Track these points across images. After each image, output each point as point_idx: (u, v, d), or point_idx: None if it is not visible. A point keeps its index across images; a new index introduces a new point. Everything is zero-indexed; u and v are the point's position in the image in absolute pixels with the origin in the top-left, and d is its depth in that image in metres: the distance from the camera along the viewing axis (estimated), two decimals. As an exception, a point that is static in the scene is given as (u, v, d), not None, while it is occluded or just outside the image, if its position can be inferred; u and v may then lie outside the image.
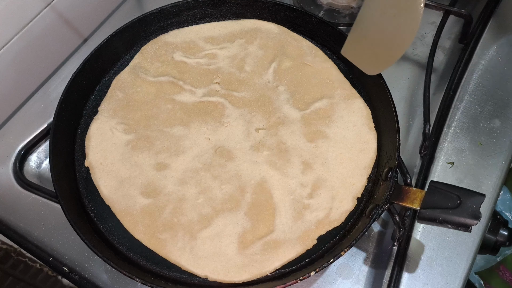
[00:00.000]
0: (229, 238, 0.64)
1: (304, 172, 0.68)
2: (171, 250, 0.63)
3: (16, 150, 0.80)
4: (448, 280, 0.67)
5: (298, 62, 0.77)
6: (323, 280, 0.69)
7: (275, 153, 0.69)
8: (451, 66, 0.85)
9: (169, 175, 0.68)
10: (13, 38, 0.80)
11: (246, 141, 0.71)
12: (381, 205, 0.61)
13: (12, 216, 0.74)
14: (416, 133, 0.79)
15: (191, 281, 0.63)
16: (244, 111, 0.73)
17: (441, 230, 0.70)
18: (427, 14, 0.92)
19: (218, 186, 0.67)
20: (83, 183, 0.69)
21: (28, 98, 0.87)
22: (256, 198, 0.66)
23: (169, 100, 0.74)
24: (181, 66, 0.77)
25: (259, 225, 0.64)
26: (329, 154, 0.69)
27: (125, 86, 0.75)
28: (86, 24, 0.94)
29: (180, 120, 0.72)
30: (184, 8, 0.81)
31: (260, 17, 0.82)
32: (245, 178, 0.67)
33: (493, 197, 0.72)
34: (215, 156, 0.69)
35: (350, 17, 0.89)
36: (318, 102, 0.73)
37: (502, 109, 0.79)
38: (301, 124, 0.71)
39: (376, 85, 0.72)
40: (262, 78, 0.76)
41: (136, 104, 0.74)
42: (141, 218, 0.65)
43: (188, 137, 0.71)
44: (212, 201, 0.66)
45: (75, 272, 0.70)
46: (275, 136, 0.71)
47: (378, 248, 0.71)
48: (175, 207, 0.66)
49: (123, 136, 0.71)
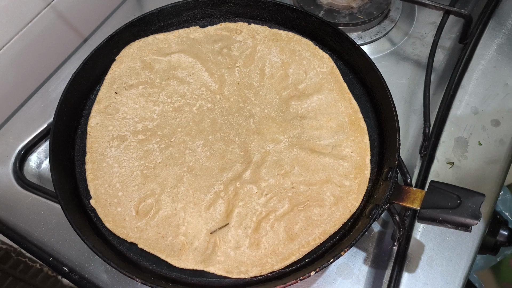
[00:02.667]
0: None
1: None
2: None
3: (16, 150, 0.80)
4: (448, 280, 0.67)
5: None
6: (323, 280, 0.69)
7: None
8: (451, 66, 0.85)
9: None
10: (13, 38, 0.80)
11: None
12: (381, 205, 0.61)
13: (12, 216, 0.74)
14: (416, 133, 0.79)
15: (191, 281, 0.63)
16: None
17: (441, 230, 0.70)
18: (427, 14, 0.92)
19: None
20: (83, 183, 0.69)
21: (28, 98, 0.87)
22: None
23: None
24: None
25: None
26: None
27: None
28: (86, 24, 0.94)
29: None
30: (184, 8, 0.81)
31: (260, 17, 0.82)
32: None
33: (493, 197, 0.72)
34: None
35: (350, 17, 0.89)
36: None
37: (502, 109, 0.79)
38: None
39: (376, 85, 0.72)
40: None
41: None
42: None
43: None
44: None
45: (75, 272, 0.70)
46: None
47: (378, 248, 0.71)
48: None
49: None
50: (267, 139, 0.71)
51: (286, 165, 0.69)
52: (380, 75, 0.70)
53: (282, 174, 0.68)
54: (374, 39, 0.89)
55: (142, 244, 0.64)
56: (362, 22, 0.89)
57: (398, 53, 0.89)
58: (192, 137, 0.71)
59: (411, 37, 0.90)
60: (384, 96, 0.70)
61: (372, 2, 0.91)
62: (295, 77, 0.76)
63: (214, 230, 0.65)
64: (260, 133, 0.72)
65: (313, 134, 0.72)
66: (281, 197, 0.67)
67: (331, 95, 0.74)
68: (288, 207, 0.66)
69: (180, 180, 0.68)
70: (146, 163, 0.69)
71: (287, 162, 0.69)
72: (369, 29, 0.90)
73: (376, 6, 0.90)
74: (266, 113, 0.74)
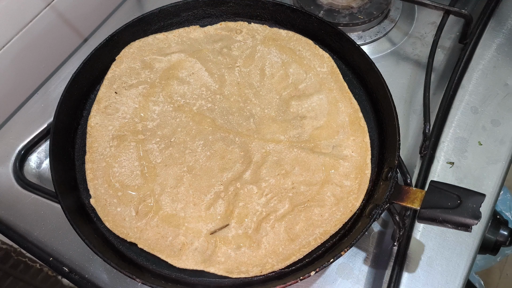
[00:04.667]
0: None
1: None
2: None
3: (16, 150, 0.80)
4: (448, 280, 0.67)
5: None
6: (323, 280, 0.69)
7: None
8: (451, 66, 0.85)
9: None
10: (13, 38, 0.80)
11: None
12: (381, 205, 0.61)
13: (12, 216, 0.74)
14: (416, 133, 0.79)
15: (191, 281, 0.63)
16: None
17: (441, 230, 0.70)
18: (427, 14, 0.92)
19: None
20: (83, 183, 0.69)
21: (28, 98, 0.87)
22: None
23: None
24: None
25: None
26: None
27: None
28: (86, 24, 0.94)
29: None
30: (184, 8, 0.81)
31: (260, 17, 0.82)
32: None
33: (493, 197, 0.72)
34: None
35: (350, 17, 0.89)
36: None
37: (502, 109, 0.79)
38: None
39: (376, 85, 0.72)
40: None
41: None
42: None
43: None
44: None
45: (75, 272, 0.70)
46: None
47: (378, 248, 0.71)
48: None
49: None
50: (268, 139, 0.71)
51: (287, 165, 0.69)
52: (380, 75, 0.70)
53: (283, 174, 0.68)
54: (374, 39, 0.89)
55: (142, 244, 0.64)
56: (362, 22, 0.89)
57: (398, 53, 0.89)
58: (192, 137, 0.71)
59: (411, 37, 0.90)
60: (384, 96, 0.70)
61: (372, 2, 0.91)
62: (295, 77, 0.76)
63: (214, 231, 0.65)
64: (260, 133, 0.72)
65: (314, 134, 0.71)
66: (281, 197, 0.67)
67: (331, 95, 0.74)
68: (289, 207, 0.66)
69: (180, 180, 0.68)
70: (146, 163, 0.69)
71: (288, 162, 0.69)
72: (369, 29, 0.90)
73: (376, 6, 0.90)
74: (266, 113, 0.74)
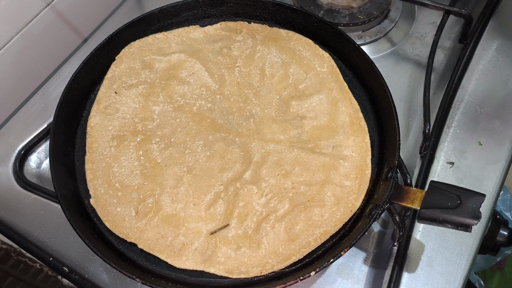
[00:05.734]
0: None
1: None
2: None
3: (16, 150, 0.80)
4: (448, 280, 0.67)
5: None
6: (323, 280, 0.69)
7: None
8: (451, 66, 0.85)
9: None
10: (13, 38, 0.80)
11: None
12: (381, 205, 0.61)
13: (12, 216, 0.74)
14: (416, 133, 0.79)
15: (191, 281, 0.63)
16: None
17: (441, 230, 0.70)
18: (427, 14, 0.92)
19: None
20: (83, 183, 0.69)
21: (28, 98, 0.87)
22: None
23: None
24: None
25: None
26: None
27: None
28: (86, 24, 0.94)
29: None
30: (184, 8, 0.81)
31: (261, 17, 0.82)
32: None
33: (493, 197, 0.72)
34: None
35: (350, 17, 0.89)
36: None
37: (502, 109, 0.79)
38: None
39: (376, 85, 0.72)
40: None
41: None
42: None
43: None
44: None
45: (75, 272, 0.70)
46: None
47: (378, 248, 0.71)
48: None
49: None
50: (268, 139, 0.71)
51: (287, 165, 0.69)
52: (380, 75, 0.70)
53: (283, 174, 0.68)
54: (374, 39, 0.89)
55: (142, 244, 0.64)
56: (362, 22, 0.89)
57: (398, 53, 0.89)
58: (192, 137, 0.71)
59: (411, 37, 0.90)
60: (384, 96, 0.70)
61: (372, 2, 0.91)
62: (295, 77, 0.76)
63: (214, 231, 0.65)
64: (261, 133, 0.72)
65: (314, 134, 0.71)
66: (281, 198, 0.67)
67: (331, 95, 0.74)
68: (289, 207, 0.66)
69: (180, 180, 0.68)
70: (145, 163, 0.69)
71: (288, 162, 0.69)
72: (369, 29, 0.90)
73: (376, 6, 0.90)
74: (266, 113, 0.74)
